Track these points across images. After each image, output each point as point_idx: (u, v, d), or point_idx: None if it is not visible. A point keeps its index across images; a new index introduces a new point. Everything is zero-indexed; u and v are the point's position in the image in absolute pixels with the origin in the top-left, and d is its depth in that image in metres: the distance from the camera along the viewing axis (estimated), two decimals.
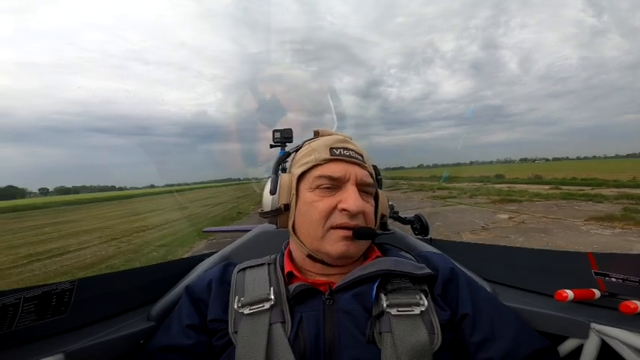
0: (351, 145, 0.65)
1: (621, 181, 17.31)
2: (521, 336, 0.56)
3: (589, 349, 0.60)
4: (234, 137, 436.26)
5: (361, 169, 0.62)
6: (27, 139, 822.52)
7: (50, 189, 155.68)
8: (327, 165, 0.61)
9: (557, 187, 16.49)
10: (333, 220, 0.58)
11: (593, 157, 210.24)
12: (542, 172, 28.98)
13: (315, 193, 0.60)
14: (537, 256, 0.80)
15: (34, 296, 0.56)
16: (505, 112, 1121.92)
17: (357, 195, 0.59)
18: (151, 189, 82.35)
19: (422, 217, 1.04)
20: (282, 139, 1.13)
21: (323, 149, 0.63)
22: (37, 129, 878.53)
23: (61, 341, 0.59)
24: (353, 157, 0.62)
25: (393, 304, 0.54)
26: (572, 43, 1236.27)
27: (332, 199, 0.59)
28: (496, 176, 28.50)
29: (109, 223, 13.64)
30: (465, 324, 0.57)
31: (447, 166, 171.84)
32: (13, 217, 22.93)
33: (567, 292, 0.61)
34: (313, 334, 0.53)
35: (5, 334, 0.54)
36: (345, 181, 0.60)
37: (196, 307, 0.62)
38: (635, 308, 0.54)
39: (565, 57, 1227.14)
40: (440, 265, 0.63)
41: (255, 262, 0.67)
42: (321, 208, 0.59)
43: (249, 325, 0.55)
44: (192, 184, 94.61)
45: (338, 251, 0.58)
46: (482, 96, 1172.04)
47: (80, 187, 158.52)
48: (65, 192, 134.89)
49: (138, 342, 0.65)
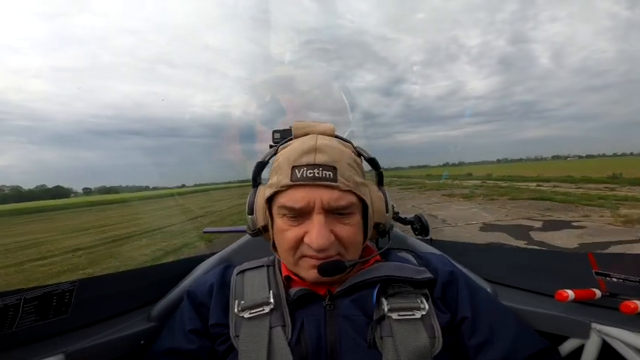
0: (321, 156, 0.55)
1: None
2: (520, 337, 0.56)
3: (590, 349, 0.60)
4: (258, 138, 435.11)
5: (330, 192, 0.53)
6: (67, 142, 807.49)
7: (92, 189, 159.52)
8: (289, 192, 0.55)
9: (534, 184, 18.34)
10: (302, 251, 0.56)
11: (630, 153, 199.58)
12: (548, 171, 29.15)
13: (283, 221, 0.57)
14: (538, 256, 0.80)
15: (34, 297, 0.56)
16: (539, 107, 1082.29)
17: (320, 228, 0.53)
18: (181, 189, 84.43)
19: (422, 217, 1.04)
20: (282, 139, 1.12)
21: (285, 169, 0.56)
22: (76, 132, 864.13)
23: (61, 342, 0.59)
24: (318, 179, 0.53)
25: (394, 308, 0.54)
26: (607, 36, 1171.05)
27: (298, 229, 0.55)
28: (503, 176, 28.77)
29: None
30: (465, 327, 0.57)
31: (472, 164, 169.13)
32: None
33: (568, 292, 0.61)
34: (315, 339, 0.53)
35: (6, 335, 0.54)
36: (309, 210, 0.54)
37: (198, 311, 0.62)
38: (635, 308, 0.54)
39: (601, 50, 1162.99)
40: (439, 268, 0.63)
41: (254, 263, 0.67)
42: (288, 238, 0.56)
43: (250, 329, 0.55)
44: (220, 183, 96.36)
45: (311, 278, 0.57)
46: (513, 92, 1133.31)
47: (117, 187, 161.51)
48: (106, 191, 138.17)
49: (138, 342, 0.65)
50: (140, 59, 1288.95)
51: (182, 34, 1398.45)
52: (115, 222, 14.70)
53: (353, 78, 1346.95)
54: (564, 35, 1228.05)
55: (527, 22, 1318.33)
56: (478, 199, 12.79)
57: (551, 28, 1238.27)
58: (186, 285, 0.78)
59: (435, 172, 63.87)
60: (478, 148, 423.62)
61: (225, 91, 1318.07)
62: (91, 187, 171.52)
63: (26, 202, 76.84)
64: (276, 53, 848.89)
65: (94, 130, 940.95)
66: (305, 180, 0.53)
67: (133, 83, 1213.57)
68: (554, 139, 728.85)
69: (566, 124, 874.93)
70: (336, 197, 0.54)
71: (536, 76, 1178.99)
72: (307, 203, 0.53)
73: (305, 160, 0.55)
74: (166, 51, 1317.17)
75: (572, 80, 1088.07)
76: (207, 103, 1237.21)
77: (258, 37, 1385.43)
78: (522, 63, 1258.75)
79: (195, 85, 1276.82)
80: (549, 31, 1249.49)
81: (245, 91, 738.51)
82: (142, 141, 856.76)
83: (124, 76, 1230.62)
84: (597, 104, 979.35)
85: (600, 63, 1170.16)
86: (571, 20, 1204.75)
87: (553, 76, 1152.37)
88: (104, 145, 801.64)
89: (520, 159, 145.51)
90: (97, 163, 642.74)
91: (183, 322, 0.61)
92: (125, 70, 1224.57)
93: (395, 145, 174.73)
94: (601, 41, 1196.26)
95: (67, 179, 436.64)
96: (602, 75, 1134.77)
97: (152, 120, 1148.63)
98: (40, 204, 53.51)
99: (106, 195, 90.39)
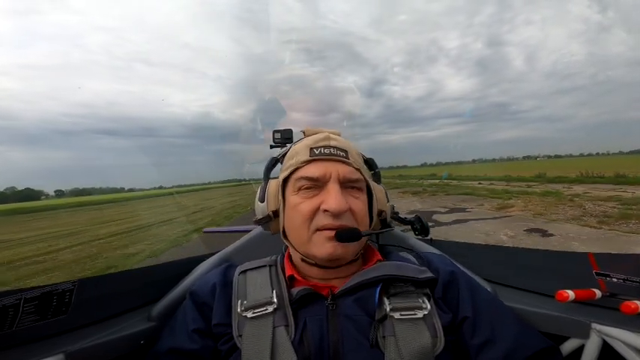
0: (334, 142, 0.62)
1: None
2: (522, 337, 0.56)
3: (590, 350, 0.60)
4: (238, 138, 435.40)
5: (344, 166, 0.60)
6: (35, 142, 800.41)
7: (64, 191, 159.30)
8: (307, 166, 0.60)
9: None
10: (317, 222, 0.58)
11: (596, 154, 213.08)
12: (516, 170, 32.00)
13: (298, 196, 0.60)
14: (538, 257, 0.80)
15: (34, 297, 0.56)
16: (512, 109, 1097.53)
17: (338, 194, 0.57)
18: (159, 190, 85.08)
19: (422, 217, 1.04)
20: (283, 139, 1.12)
21: (303, 150, 0.62)
22: (45, 131, 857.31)
23: (61, 342, 0.59)
24: (334, 155, 0.60)
25: (396, 308, 0.54)
26: (578, 40, 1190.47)
27: (314, 200, 0.58)
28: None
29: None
30: (466, 326, 0.57)
31: (449, 164, 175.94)
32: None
33: (568, 292, 0.61)
34: (317, 339, 0.53)
35: (6, 335, 0.54)
36: (326, 181, 0.59)
37: (201, 311, 0.62)
38: (635, 308, 0.54)
39: (571, 53, 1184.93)
40: (440, 267, 0.63)
41: (256, 263, 0.67)
42: (303, 210, 0.58)
43: (253, 328, 0.55)
44: (197, 185, 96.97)
45: (325, 254, 0.57)
46: (488, 93, 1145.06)
47: (90, 189, 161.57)
48: (79, 194, 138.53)
49: (138, 342, 0.65)
50: (116, 57, 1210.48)
51: (162, 33, 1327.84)
52: (124, 217, 15.95)
53: (334, 78, 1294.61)
54: (538, 39, 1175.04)
55: (504, 25, 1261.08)
56: (424, 195, 15.64)
57: (525, 31, 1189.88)
58: (187, 285, 0.78)
59: (407, 172, 68.78)
60: (455, 149, 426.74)
61: (205, 90, 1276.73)
62: (63, 189, 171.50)
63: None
64: (259, 53, 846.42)
65: (65, 130, 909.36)
66: (323, 155, 0.60)
67: (108, 81, 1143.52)
68: (528, 140, 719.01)
69: (538, 125, 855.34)
70: (349, 170, 0.60)
71: (510, 79, 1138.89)
72: (324, 174, 0.59)
73: (322, 143, 0.62)
74: (144, 49, 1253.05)
75: (544, 83, 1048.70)
76: (186, 102, 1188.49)
77: (240, 36, 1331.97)
78: (498, 65, 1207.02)
79: (173, 85, 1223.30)
80: (523, 34, 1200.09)
81: (225, 91, 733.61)
82: (116, 141, 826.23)
83: (97, 74, 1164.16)
84: (567, 106, 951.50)
85: (570, 66, 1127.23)
86: (544, 24, 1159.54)
87: (526, 79, 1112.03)
88: (76, 146, 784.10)
89: (494, 159, 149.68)
90: (68, 164, 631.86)
91: (186, 322, 0.61)
92: (99, 68, 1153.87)
93: (376, 146, 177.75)
94: (572, 44, 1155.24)
95: (37, 181, 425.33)
96: (571, 77, 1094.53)
97: (127, 119, 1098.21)
98: (22, 205, 52.88)
99: (87, 197, 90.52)
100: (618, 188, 12.45)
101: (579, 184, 15.53)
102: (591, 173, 19.15)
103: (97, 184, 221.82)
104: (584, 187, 14.02)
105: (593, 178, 17.67)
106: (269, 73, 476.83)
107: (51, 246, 8.78)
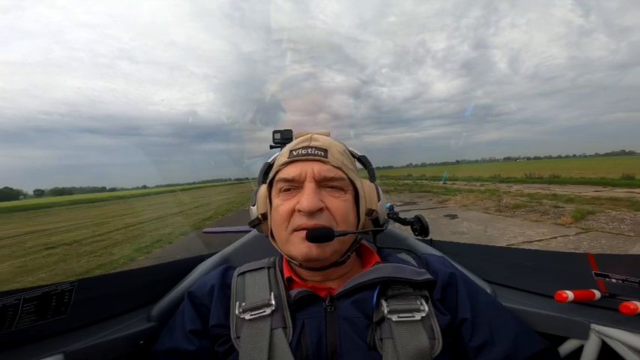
0: (315, 142, 0.62)
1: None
2: (520, 338, 0.56)
3: (589, 350, 0.60)
4: (226, 137, 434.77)
5: (321, 165, 0.59)
6: (13, 140, 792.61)
7: (44, 190, 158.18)
8: (286, 168, 0.61)
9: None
10: (293, 223, 0.58)
11: (573, 155, 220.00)
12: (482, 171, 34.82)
13: (279, 198, 0.61)
14: (537, 257, 0.80)
15: (33, 297, 0.56)
16: (495, 111, 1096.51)
17: (311, 192, 0.57)
18: (143, 190, 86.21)
19: (422, 218, 1.04)
20: (283, 139, 1.12)
21: (285, 153, 0.63)
22: (23, 129, 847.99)
23: (61, 341, 0.59)
24: (310, 155, 0.60)
25: (393, 310, 0.54)
26: (560, 43, 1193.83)
27: (292, 201, 0.59)
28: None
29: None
30: (464, 328, 0.57)
31: (435, 165, 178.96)
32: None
33: (567, 292, 0.61)
34: (315, 341, 0.53)
35: (5, 335, 0.54)
36: (302, 181, 0.59)
37: (198, 312, 0.62)
38: (635, 309, 0.54)
39: (553, 57, 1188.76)
40: (439, 269, 0.63)
41: (254, 265, 0.67)
42: (282, 211, 0.59)
43: (251, 330, 0.55)
44: (183, 184, 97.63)
45: (300, 254, 0.56)
46: (473, 95, 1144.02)
47: (71, 189, 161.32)
48: (59, 193, 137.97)
49: (138, 342, 0.65)
50: (99, 54, 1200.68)
51: (148, 30, 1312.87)
52: (133, 212, 17.65)
53: (323, 78, 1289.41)
54: (521, 42, 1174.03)
55: (490, 28, 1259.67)
56: (393, 192, 17.13)
57: (510, 34, 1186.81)
58: (187, 285, 0.78)
59: (388, 173, 74.41)
60: (440, 150, 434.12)
61: (191, 89, 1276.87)
62: (42, 188, 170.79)
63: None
64: (248, 52, 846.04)
65: (44, 128, 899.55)
66: (300, 156, 0.61)
67: (91, 79, 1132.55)
68: (510, 142, 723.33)
69: (520, 127, 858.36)
70: (326, 169, 0.59)
71: (494, 81, 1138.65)
72: (300, 173, 0.59)
73: (301, 145, 0.63)
74: (129, 47, 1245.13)
75: (527, 85, 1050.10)
76: (172, 101, 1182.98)
77: (229, 34, 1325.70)
78: (482, 68, 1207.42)
79: (159, 83, 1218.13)
80: (508, 37, 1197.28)
81: (211, 90, 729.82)
82: (98, 139, 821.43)
83: (79, 71, 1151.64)
84: (547, 109, 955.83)
85: (551, 69, 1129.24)
86: (529, 27, 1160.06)
87: (509, 81, 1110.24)
88: (56, 144, 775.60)
89: (476, 160, 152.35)
90: (47, 163, 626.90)
91: (183, 323, 0.61)
92: (80, 65, 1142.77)
93: (363, 147, 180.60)
94: (554, 48, 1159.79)
95: (12, 180, 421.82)
96: (552, 80, 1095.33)
97: (111, 118, 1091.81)
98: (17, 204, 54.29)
99: (67, 196, 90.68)
100: (545, 187, 14.91)
101: (521, 183, 18.24)
102: (534, 174, 21.89)
103: (77, 184, 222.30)
104: (523, 186, 16.61)
105: (533, 179, 20.23)
106: (257, 72, 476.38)
107: (95, 231, 10.20)
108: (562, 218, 6.78)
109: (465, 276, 0.65)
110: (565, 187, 14.23)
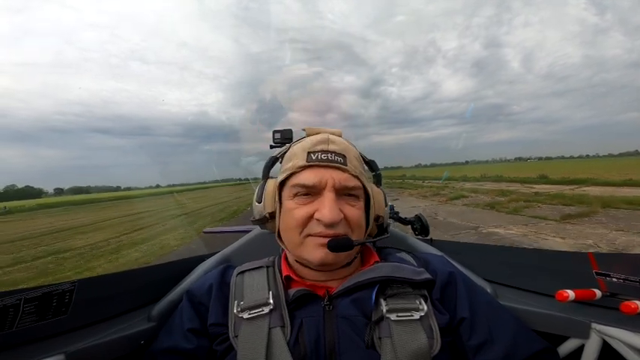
0: (333, 146, 0.60)
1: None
2: (519, 338, 0.56)
3: (590, 350, 0.60)
4: (236, 137, 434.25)
5: (340, 173, 0.59)
6: (28, 140, 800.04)
7: (64, 189, 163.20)
8: (303, 172, 0.59)
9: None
10: (309, 229, 0.58)
11: (586, 156, 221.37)
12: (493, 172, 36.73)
13: (293, 201, 0.60)
14: (538, 256, 0.80)
15: (34, 297, 0.56)
16: (507, 110, 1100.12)
17: (332, 203, 0.56)
18: (156, 189, 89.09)
19: (422, 217, 1.04)
20: (283, 139, 1.12)
21: (300, 154, 0.60)
22: (38, 130, 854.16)
23: (61, 342, 0.59)
24: (331, 161, 0.58)
25: (392, 309, 0.54)
26: (574, 42, 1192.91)
27: (309, 207, 0.58)
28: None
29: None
30: (463, 327, 0.57)
31: (444, 165, 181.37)
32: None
33: (568, 292, 0.61)
34: (313, 340, 0.53)
35: (6, 335, 0.54)
36: (321, 188, 0.58)
37: (197, 311, 0.62)
38: (635, 308, 0.54)
39: (567, 55, 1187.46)
40: (439, 269, 0.63)
41: (253, 264, 0.67)
42: (297, 216, 0.58)
43: (249, 329, 0.55)
44: (194, 184, 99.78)
45: (316, 259, 0.57)
46: (485, 95, 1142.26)
47: (87, 188, 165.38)
48: (78, 192, 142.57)
49: (138, 342, 0.65)
50: (111, 55, 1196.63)
51: (158, 30, 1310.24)
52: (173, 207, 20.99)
53: (332, 79, 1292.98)
54: (535, 40, 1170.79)
55: (502, 27, 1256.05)
56: (386, 189, 20.47)
57: (523, 32, 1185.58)
58: (186, 285, 0.78)
59: (390, 173, 79.67)
60: (450, 150, 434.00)
61: (201, 89, 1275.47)
62: (61, 187, 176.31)
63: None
64: (257, 52, 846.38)
65: (59, 129, 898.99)
66: (320, 161, 0.59)
67: (104, 79, 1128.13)
68: (522, 141, 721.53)
69: (532, 126, 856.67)
70: (346, 178, 0.59)
71: (506, 80, 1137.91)
72: (320, 181, 0.58)
73: (319, 147, 0.60)
74: (140, 47, 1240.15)
75: (540, 84, 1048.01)
76: (183, 101, 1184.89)
77: (238, 34, 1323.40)
78: (494, 67, 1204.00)
79: (170, 83, 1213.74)
80: (521, 35, 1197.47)
81: (221, 90, 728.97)
82: (110, 140, 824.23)
83: (91, 72, 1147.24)
84: (560, 108, 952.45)
85: (566, 68, 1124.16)
86: (542, 26, 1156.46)
87: (522, 80, 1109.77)
88: (70, 144, 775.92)
89: (487, 160, 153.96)
90: (62, 163, 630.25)
91: (182, 322, 0.61)
92: (91, 66, 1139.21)
93: (371, 147, 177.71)
94: (568, 46, 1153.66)
95: (31, 179, 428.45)
96: (566, 79, 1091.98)
97: (122, 118, 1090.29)
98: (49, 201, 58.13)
99: (88, 195, 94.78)
100: (526, 185, 16.87)
101: (509, 182, 20.39)
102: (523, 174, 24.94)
103: (92, 183, 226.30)
104: (506, 184, 18.78)
105: (521, 177, 22.40)
106: (266, 73, 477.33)
107: (160, 219, 12.83)
108: (439, 198, 11.58)
109: (465, 275, 0.65)
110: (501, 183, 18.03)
